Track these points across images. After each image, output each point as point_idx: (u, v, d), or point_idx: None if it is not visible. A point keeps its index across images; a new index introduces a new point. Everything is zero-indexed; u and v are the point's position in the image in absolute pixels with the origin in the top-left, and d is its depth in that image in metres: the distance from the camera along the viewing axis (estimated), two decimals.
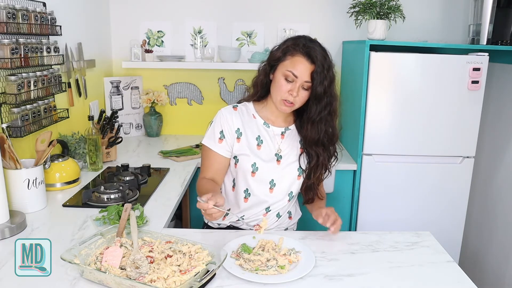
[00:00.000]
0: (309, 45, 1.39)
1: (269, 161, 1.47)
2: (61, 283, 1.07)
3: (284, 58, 1.40)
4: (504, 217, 2.43)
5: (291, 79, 1.38)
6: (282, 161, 1.49)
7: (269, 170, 1.47)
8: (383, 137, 2.22)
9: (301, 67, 1.37)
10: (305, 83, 1.38)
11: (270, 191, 1.49)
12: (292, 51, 1.39)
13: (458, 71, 2.14)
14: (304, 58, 1.37)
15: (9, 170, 1.43)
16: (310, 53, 1.37)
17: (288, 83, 1.39)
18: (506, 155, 2.44)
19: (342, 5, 2.52)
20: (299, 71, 1.37)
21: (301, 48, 1.38)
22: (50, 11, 1.83)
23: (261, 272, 1.14)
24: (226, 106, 1.53)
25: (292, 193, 1.53)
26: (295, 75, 1.37)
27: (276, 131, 1.50)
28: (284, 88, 1.39)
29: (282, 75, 1.39)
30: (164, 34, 2.74)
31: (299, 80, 1.37)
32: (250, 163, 1.46)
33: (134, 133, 2.79)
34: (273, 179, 1.48)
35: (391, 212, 2.30)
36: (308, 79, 1.37)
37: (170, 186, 1.82)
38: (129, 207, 1.28)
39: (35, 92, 1.72)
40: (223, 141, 1.46)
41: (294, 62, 1.38)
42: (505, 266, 2.40)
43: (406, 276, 1.17)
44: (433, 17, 2.68)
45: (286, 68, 1.39)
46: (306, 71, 1.37)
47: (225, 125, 1.46)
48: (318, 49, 1.38)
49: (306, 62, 1.37)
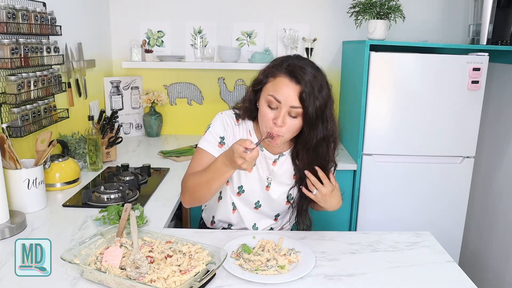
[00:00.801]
0: (294, 63, 1.20)
1: (257, 186, 1.39)
2: (61, 283, 1.07)
3: (266, 81, 1.23)
4: (504, 217, 2.43)
5: (275, 106, 1.20)
6: (271, 187, 1.39)
7: (254, 194, 1.39)
8: (383, 137, 2.22)
9: (284, 90, 1.18)
10: (292, 109, 1.19)
11: (255, 209, 1.43)
12: (274, 72, 1.21)
13: (458, 71, 2.14)
14: (287, 78, 1.18)
15: (9, 170, 1.43)
16: (294, 72, 1.18)
17: (272, 110, 1.21)
18: (506, 155, 2.44)
19: (342, 5, 2.52)
20: (282, 95, 1.18)
21: (284, 68, 1.20)
22: (50, 11, 1.83)
23: (261, 272, 1.14)
24: (226, 110, 1.41)
25: (279, 214, 1.46)
26: (277, 100, 1.18)
27: (268, 156, 1.38)
28: (268, 117, 1.21)
29: (265, 101, 1.22)
30: (164, 34, 2.74)
31: (284, 106, 1.18)
32: (237, 185, 1.38)
33: (134, 133, 2.79)
34: (259, 201, 1.41)
35: (391, 212, 2.30)
36: (296, 104, 1.18)
37: (170, 186, 1.82)
38: (129, 207, 1.28)
39: (35, 92, 1.72)
40: (223, 147, 1.34)
41: (276, 85, 1.20)
42: (505, 266, 2.40)
43: (406, 276, 1.17)
44: (433, 17, 2.68)
45: (268, 92, 1.21)
46: (291, 93, 1.17)
47: (226, 133, 1.35)
48: (307, 67, 1.19)
49: (289, 83, 1.18)
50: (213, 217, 1.50)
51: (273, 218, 1.47)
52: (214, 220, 1.50)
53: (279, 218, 1.48)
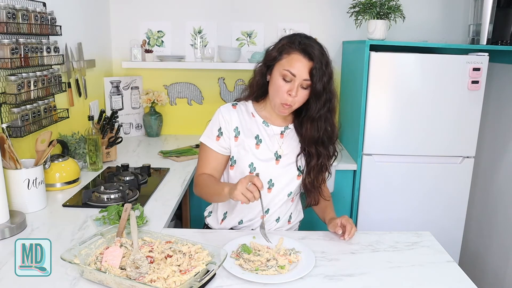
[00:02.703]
0: (305, 41, 1.34)
1: (267, 161, 1.44)
2: (61, 283, 1.07)
3: (280, 57, 1.36)
4: (504, 217, 2.43)
5: (289, 79, 1.34)
6: (281, 161, 1.45)
7: (267, 169, 1.44)
8: (383, 137, 2.22)
9: (298, 65, 1.32)
10: (304, 81, 1.34)
11: (268, 191, 1.46)
12: (288, 49, 1.35)
13: (458, 71, 2.14)
14: (301, 55, 1.33)
15: (9, 170, 1.43)
16: (307, 49, 1.32)
17: (287, 83, 1.34)
18: (506, 155, 2.44)
19: (342, 5, 2.52)
20: (297, 69, 1.32)
21: (297, 46, 1.34)
22: (50, 11, 1.83)
23: (261, 272, 1.14)
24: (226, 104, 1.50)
25: (291, 193, 1.50)
26: (293, 74, 1.33)
27: (275, 130, 1.47)
28: (282, 89, 1.35)
29: (280, 75, 1.35)
30: (164, 34, 2.74)
31: (298, 79, 1.33)
32: (247, 163, 1.43)
33: (134, 133, 2.79)
34: (271, 179, 1.46)
35: (391, 212, 2.30)
36: (307, 77, 1.33)
37: (170, 186, 1.82)
38: (129, 207, 1.28)
39: (35, 92, 1.72)
40: (220, 138, 1.43)
41: (291, 60, 1.33)
42: (505, 266, 2.40)
43: (406, 276, 1.17)
44: (433, 17, 2.68)
45: (283, 67, 1.34)
46: (304, 68, 1.32)
47: (223, 123, 1.43)
48: (315, 45, 1.34)
49: (303, 59, 1.32)
50: (225, 214, 1.51)
51: (285, 199, 1.49)
52: (225, 217, 1.51)
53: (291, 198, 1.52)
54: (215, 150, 1.44)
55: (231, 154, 1.45)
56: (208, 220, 1.59)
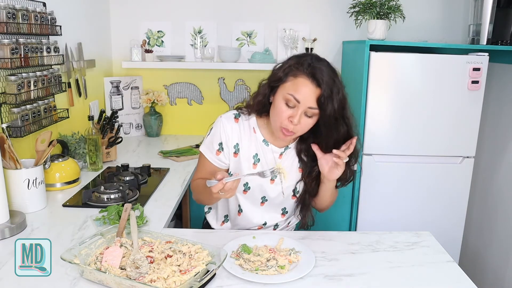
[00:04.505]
0: (315, 64, 1.22)
1: (262, 181, 1.40)
2: (61, 283, 1.07)
3: (286, 79, 1.24)
4: (504, 217, 2.43)
5: (293, 104, 1.22)
6: (277, 181, 1.40)
7: (261, 188, 1.41)
8: (383, 137, 2.22)
9: (304, 90, 1.20)
10: (308, 109, 1.22)
11: (261, 204, 1.44)
12: (295, 71, 1.22)
13: (458, 71, 2.14)
14: (308, 80, 1.20)
15: (9, 170, 1.43)
16: (315, 74, 1.19)
17: (289, 109, 1.23)
18: (506, 155, 2.44)
19: (342, 5, 2.52)
20: (302, 95, 1.20)
21: (305, 68, 1.21)
22: (50, 11, 1.83)
23: (261, 272, 1.14)
24: (227, 112, 1.42)
25: (285, 208, 1.47)
26: (297, 100, 1.21)
27: (274, 150, 1.39)
28: (284, 114, 1.23)
29: (283, 98, 1.23)
30: (164, 34, 2.74)
31: (302, 106, 1.21)
32: (242, 182, 1.39)
33: (134, 133, 2.79)
34: (265, 196, 1.43)
35: (391, 212, 2.30)
36: (313, 105, 1.21)
37: (170, 186, 1.82)
38: (129, 207, 1.28)
39: (35, 92, 1.72)
40: (221, 153, 1.38)
41: (297, 85, 1.21)
42: (505, 266, 2.40)
43: (406, 276, 1.17)
44: (433, 17, 2.68)
45: (287, 91, 1.22)
46: (310, 95, 1.20)
47: (223, 137, 1.37)
48: (326, 69, 1.22)
49: (310, 84, 1.20)
50: (226, 217, 1.51)
51: (280, 213, 1.48)
52: (227, 219, 1.51)
53: (286, 214, 1.49)
54: (214, 164, 1.40)
55: (229, 169, 1.42)
56: (207, 216, 1.58)
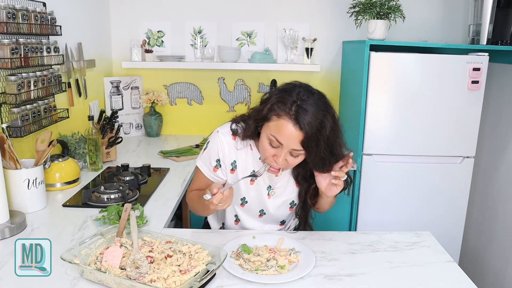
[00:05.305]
0: (300, 103, 1.13)
1: (260, 195, 1.40)
2: (61, 283, 1.07)
3: (270, 118, 1.17)
4: (504, 217, 2.43)
5: (276, 145, 1.18)
6: (274, 196, 1.40)
7: (259, 202, 1.41)
8: (383, 137, 2.22)
9: (286, 133, 1.14)
10: (293, 150, 1.18)
11: (260, 217, 1.45)
12: (278, 111, 1.15)
13: (458, 71, 2.14)
14: (290, 123, 1.13)
15: (9, 170, 1.43)
16: (298, 117, 1.12)
17: (273, 148, 1.19)
18: (506, 155, 2.44)
19: (342, 5, 2.52)
20: (284, 139, 1.15)
21: (288, 108, 1.13)
22: (50, 11, 1.83)
23: (261, 272, 1.14)
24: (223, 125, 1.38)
25: (284, 221, 1.49)
26: (279, 142, 1.16)
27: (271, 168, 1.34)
28: (267, 153, 1.20)
29: (267, 138, 1.19)
30: (164, 34, 2.74)
31: (285, 148, 1.17)
32: (240, 197, 1.40)
33: (134, 133, 2.79)
34: (263, 209, 1.43)
35: (391, 212, 2.30)
36: (297, 147, 1.16)
37: (170, 186, 1.82)
38: (129, 207, 1.28)
39: (35, 92, 1.72)
40: (218, 170, 1.36)
41: (279, 127, 1.15)
42: (505, 266, 2.40)
43: (406, 276, 1.17)
44: (433, 17, 2.68)
45: (270, 131, 1.17)
46: (293, 139, 1.14)
47: (221, 154, 1.34)
48: (312, 108, 1.13)
49: (292, 128, 1.13)
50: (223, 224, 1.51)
51: (278, 223, 1.49)
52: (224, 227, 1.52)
53: (284, 223, 1.50)
54: (210, 180, 1.38)
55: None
56: (208, 217, 1.58)
